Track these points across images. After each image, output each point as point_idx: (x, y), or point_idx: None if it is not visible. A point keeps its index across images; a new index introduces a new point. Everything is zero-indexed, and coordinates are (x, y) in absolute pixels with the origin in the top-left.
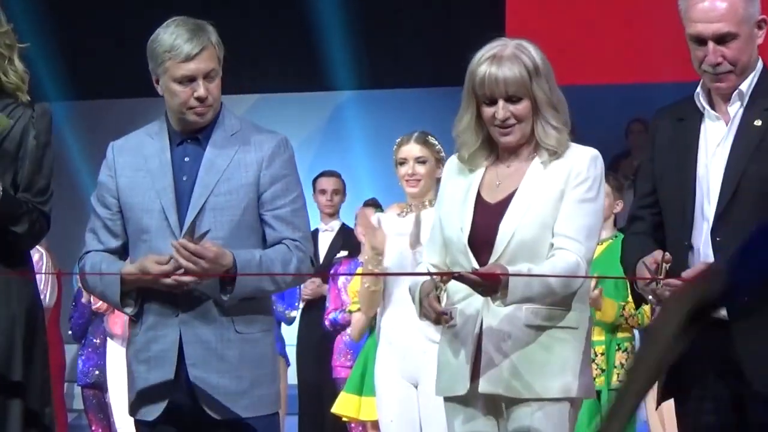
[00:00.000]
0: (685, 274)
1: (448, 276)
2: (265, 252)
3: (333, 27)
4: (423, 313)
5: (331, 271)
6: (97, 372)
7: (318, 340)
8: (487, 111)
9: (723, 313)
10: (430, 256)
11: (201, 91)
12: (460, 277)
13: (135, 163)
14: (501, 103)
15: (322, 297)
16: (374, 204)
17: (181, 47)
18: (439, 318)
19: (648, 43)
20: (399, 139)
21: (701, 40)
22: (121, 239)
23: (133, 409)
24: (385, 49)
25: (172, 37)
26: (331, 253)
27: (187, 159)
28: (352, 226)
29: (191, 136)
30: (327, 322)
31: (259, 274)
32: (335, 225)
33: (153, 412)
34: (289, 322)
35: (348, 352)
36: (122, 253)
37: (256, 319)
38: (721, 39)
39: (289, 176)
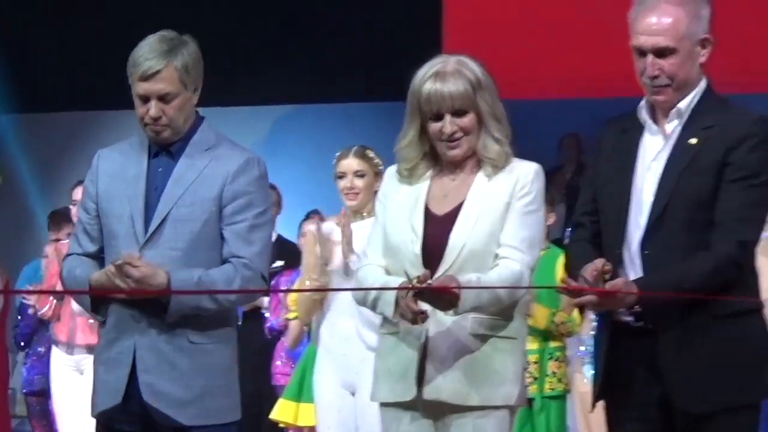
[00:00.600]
0: (610, 285)
1: (409, 290)
2: (207, 272)
3: (272, 42)
4: (399, 313)
5: (273, 283)
6: (42, 379)
7: (257, 347)
8: (434, 126)
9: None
10: (378, 259)
11: (152, 112)
12: (419, 294)
13: (115, 170)
14: (448, 117)
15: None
16: (317, 215)
17: (140, 65)
18: (416, 318)
19: (581, 60)
20: (338, 153)
21: (642, 52)
22: (98, 243)
23: (92, 408)
24: (324, 64)
25: (140, 52)
26: None
27: (160, 170)
28: (288, 237)
29: (166, 148)
30: (267, 330)
31: (215, 292)
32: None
33: (106, 413)
34: None
35: (288, 359)
36: (99, 257)
37: (213, 331)
38: (660, 52)
39: (253, 194)
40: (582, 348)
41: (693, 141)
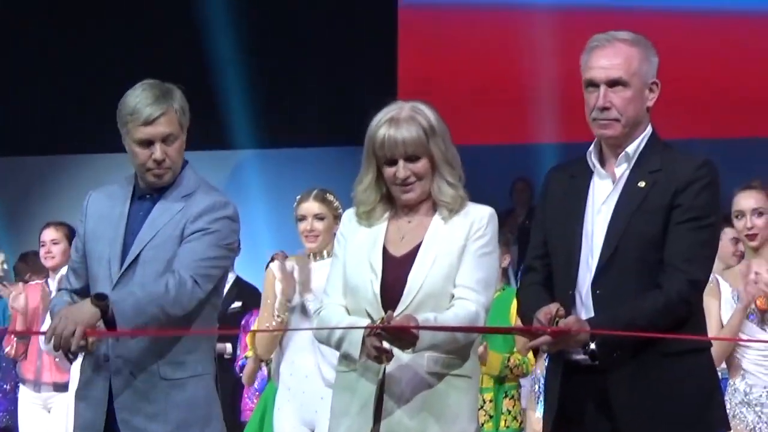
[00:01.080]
0: (563, 323)
1: (370, 328)
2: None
3: (233, 88)
4: (366, 353)
5: (243, 323)
6: (7, 416)
7: (225, 384)
8: (388, 171)
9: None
10: (339, 299)
11: (157, 154)
12: (378, 335)
13: (102, 212)
14: (401, 162)
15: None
16: (282, 256)
17: (141, 111)
18: (381, 357)
19: (531, 107)
20: (299, 197)
21: (594, 84)
22: (83, 281)
23: None
24: (283, 110)
25: (136, 100)
26: (225, 304)
27: (141, 213)
28: (248, 279)
29: (150, 192)
30: (237, 368)
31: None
32: (230, 277)
33: None
34: None
35: (257, 395)
36: (87, 294)
37: (186, 365)
38: (613, 83)
39: (211, 232)
40: (536, 386)
41: (641, 184)
